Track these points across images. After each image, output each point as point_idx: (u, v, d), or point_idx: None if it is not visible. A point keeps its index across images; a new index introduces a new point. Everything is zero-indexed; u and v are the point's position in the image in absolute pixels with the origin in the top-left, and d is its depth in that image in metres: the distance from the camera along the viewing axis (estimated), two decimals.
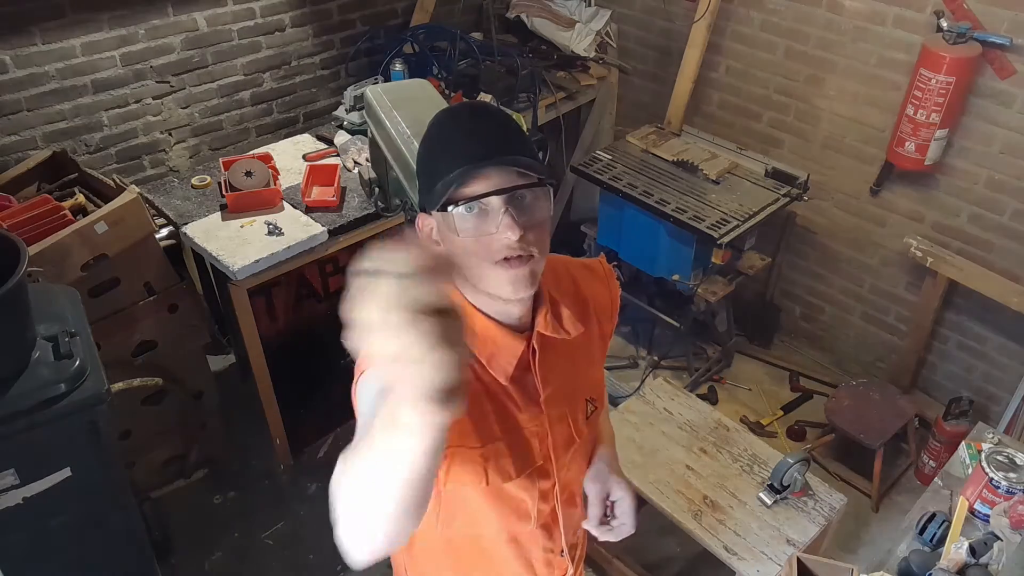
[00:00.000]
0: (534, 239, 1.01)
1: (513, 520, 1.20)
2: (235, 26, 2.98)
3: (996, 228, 2.81)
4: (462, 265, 1.04)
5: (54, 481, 1.72)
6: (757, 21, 3.15)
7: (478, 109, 1.10)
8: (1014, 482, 1.78)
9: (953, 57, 2.52)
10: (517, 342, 1.10)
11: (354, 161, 2.80)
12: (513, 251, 0.99)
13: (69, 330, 1.73)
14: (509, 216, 0.97)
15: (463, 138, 1.01)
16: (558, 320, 1.15)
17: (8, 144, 2.64)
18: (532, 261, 1.01)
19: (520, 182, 0.99)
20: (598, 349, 1.28)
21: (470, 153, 0.98)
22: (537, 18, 3.52)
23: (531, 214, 1.00)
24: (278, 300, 2.58)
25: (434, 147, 1.05)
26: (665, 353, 3.45)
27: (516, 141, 1.02)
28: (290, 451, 2.88)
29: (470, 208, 0.98)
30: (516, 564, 1.26)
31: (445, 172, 0.98)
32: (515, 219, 0.97)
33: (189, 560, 2.62)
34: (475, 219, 0.98)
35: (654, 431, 2.47)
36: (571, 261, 1.29)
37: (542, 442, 1.16)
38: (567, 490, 1.25)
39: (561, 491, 1.23)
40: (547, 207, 1.02)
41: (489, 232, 0.98)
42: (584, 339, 1.22)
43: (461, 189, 0.98)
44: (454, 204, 0.98)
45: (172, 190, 2.69)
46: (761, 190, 3.07)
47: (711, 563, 2.23)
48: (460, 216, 0.98)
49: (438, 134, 1.05)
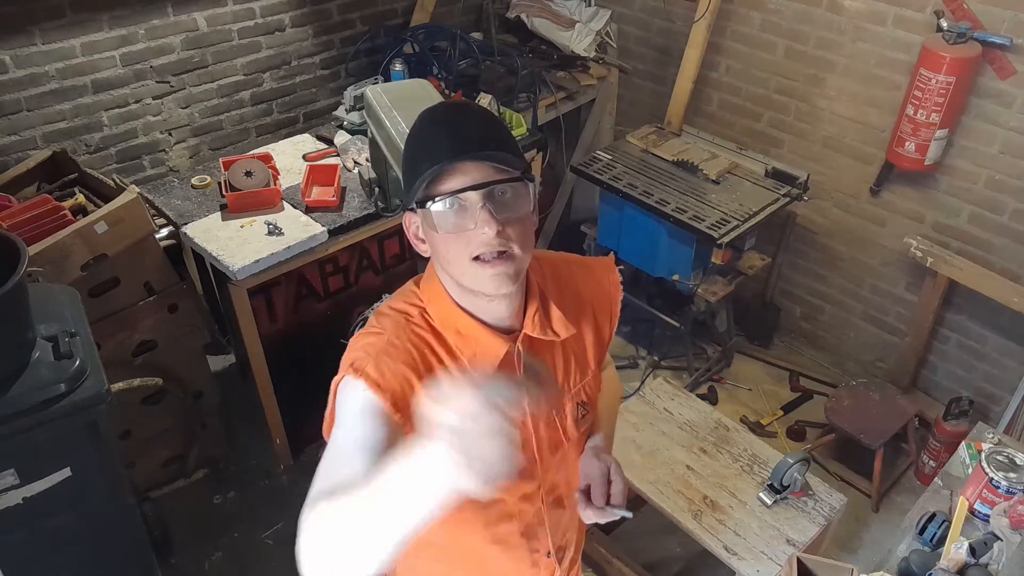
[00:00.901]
0: (514, 235, 1.01)
1: (496, 521, 1.19)
2: (235, 26, 2.98)
3: (996, 228, 2.81)
4: (445, 262, 1.04)
5: (54, 481, 1.72)
6: (757, 21, 3.15)
7: (458, 107, 1.10)
8: (1014, 482, 1.78)
9: (953, 57, 2.52)
10: (501, 343, 1.10)
11: (354, 161, 2.80)
12: (492, 247, 0.99)
13: (69, 330, 1.73)
14: (487, 211, 0.98)
15: (442, 135, 1.01)
16: (547, 321, 1.14)
17: (8, 144, 2.64)
18: (513, 258, 1.01)
19: (497, 177, 0.99)
20: (595, 351, 1.26)
21: (448, 149, 0.99)
22: (537, 18, 3.52)
23: (510, 209, 1.00)
24: (278, 300, 2.58)
25: (415, 145, 1.05)
26: (665, 353, 3.45)
27: (496, 138, 1.03)
28: (290, 451, 2.88)
29: (448, 204, 0.98)
30: (500, 564, 1.26)
31: (424, 169, 0.99)
32: (492, 214, 0.98)
33: (189, 560, 2.62)
34: (454, 215, 0.99)
35: (654, 431, 2.47)
36: (573, 260, 1.28)
37: (527, 444, 1.16)
38: (554, 492, 1.24)
39: (547, 493, 1.22)
40: (527, 202, 1.02)
41: (467, 228, 0.99)
42: (578, 341, 1.21)
43: (438, 185, 0.99)
44: (432, 200, 0.98)
45: (172, 190, 2.69)
46: (761, 190, 3.07)
47: (711, 563, 2.23)
48: (438, 212, 0.99)
49: (419, 133, 1.06)
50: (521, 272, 1.04)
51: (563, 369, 1.20)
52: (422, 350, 1.09)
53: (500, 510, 1.18)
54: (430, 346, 1.10)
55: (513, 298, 1.09)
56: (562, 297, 1.18)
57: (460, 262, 1.01)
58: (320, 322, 2.71)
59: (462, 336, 1.10)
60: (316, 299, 2.69)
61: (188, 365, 2.64)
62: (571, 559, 1.39)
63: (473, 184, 0.98)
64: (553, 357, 1.18)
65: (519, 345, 1.12)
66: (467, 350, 1.09)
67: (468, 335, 1.10)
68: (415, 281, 1.17)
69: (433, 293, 1.12)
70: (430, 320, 1.11)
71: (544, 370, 0.81)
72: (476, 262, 1.00)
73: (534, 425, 1.16)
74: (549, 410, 1.18)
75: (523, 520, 1.21)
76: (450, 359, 1.10)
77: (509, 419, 0.71)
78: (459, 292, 1.08)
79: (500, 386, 0.73)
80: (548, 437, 1.19)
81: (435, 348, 1.10)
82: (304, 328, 2.68)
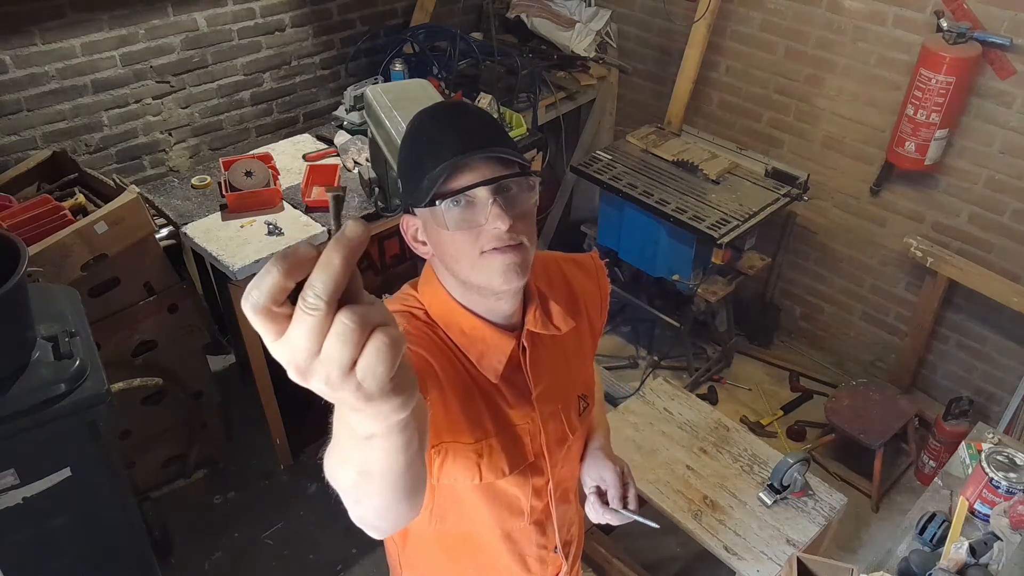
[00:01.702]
0: (522, 228, 1.02)
1: (506, 516, 1.20)
2: (235, 26, 2.98)
3: (996, 228, 2.81)
4: (451, 261, 1.04)
5: (54, 481, 1.72)
6: (757, 21, 3.15)
7: (456, 106, 1.11)
8: (1014, 482, 1.78)
9: (953, 57, 2.52)
10: (507, 340, 1.11)
11: (354, 161, 2.80)
12: (503, 241, 1.00)
13: (69, 330, 1.73)
14: (497, 206, 0.98)
15: (446, 134, 1.02)
16: (548, 316, 1.15)
17: (8, 144, 2.64)
18: (522, 249, 1.02)
19: (506, 172, 1.00)
20: (589, 344, 1.28)
21: (454, 148, 0.99)
22: (537, 18, 3.52)
23: (518, 204, 1.01)
24: None
25: (417, 146, 1.05)
26: (665, 353, 3.45)
27: (497, 135, 1.04)
28: (290, 451, 2.88)
29: (457, 201, 0.98)
30: (509, 560, 1.27)
31: (431, 168, 0.99)
32: (503, 209, 0.98)
33: (189, 560, 2.62)
34: (463, 212, 0.99)
35: (654, 431, 2.47)
36: (561, 256, 1.30)
37: (534, 439, 1.17)
38: (561, 487, 1.25)
39: (555, 488, 1.23)
40: (532, 197, 1.03)
41: (479, 223, 0.99)
42: (575, 335, 1.22)
43: (448, 183, 0.99)
44: (441, 198, 0.98)
45: (172, 190, 2.69)
46: (761, 190, 3.07)
47: (711, 563, 2.23)
48: (448, 210, 0.99)
49: (419, 133, 1.06)
50: (528, 266, 1.04)
51: (565, 363, 1.22)
52: (435, 341, 1.10)
53: (511, 504, 1.19)
54: (442, 340, 1.11)
55: (516, 295, 1.10)
56: (556, 292, 1.19)
57: (470, 257, 1.01)
58: None
59: (467, 336, 1.10)
60: None
61: (188, 365, 2.64)
62: (574, 555, 1.40)
63: (483, 180, 0.98)
64: (554, 351, 1.19)
65: (524, 341, 1.13)
66: (474, 349, 1.10)
67: (473, 334, 1.10)
68: (411, 285, 1.18)
69: (433, 295, 1.12)
70: (433, 321, 1.12)
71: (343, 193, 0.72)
72: (487, 255, 1.01)
73: (542, 420, 1.17)
74: (555, 405, 1.19)
75: (533, 515, 1.22)
76: (461, 355, 1.11)
77: (256, 296, 0.51)
78: (463, 292, 1.09)
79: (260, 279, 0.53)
80: (555, 431, 1.20)
81: (448, 343, 1.11)
82: None
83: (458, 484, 1.11)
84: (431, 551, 1.27)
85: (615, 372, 3.38)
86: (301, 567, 2.62)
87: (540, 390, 1.16)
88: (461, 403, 1.08)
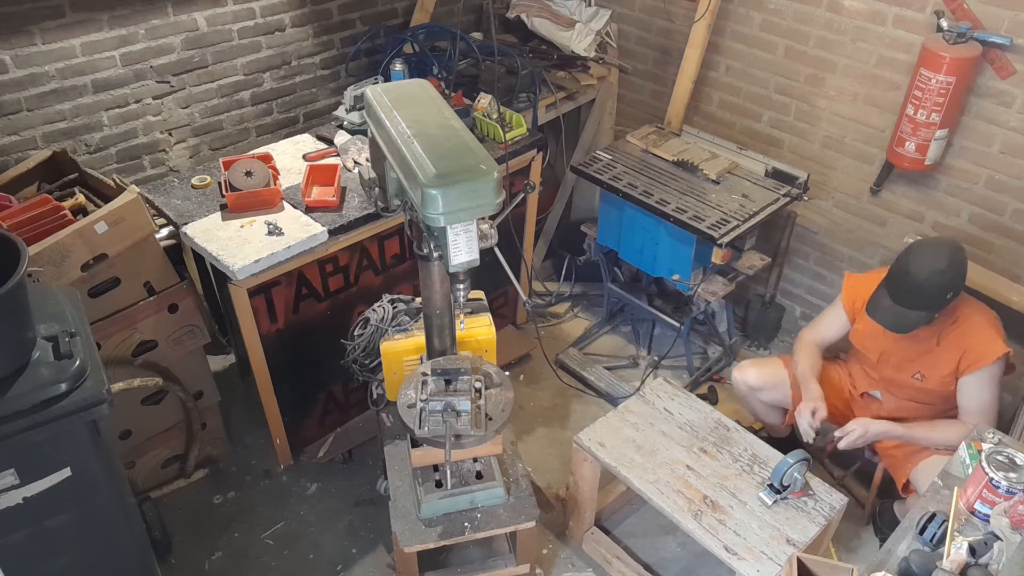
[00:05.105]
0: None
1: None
2: (235, 26, 2.99)
3: (996, 228, 2.81)
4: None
5: (54, 481, 1.72)
6: (757, 21, 3.15)
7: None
8: (1014, 482, 1.78)
9: (953, 57, 2.52)
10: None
11: (354, 161, 2.80)
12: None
13: (69, 330, 1.73)
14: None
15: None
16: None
17: (8, 144, 2.64)
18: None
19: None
20: (947, 370, 2.39)
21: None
22: (537, 18, 3.52)
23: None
24: (278, 300, 2.58)
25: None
26: (665, 353, 3.45)
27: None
28: (290, 451, 2.88)
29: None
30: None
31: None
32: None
33: (189, 560, 2.62)
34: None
35: (654, 431, 2.47)
36: (981, 320, 2.39)
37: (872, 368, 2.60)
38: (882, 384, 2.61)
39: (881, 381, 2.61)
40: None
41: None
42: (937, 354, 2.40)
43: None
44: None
45: (172, 190, 2.69)
46: (761, 190, 3.07)
47: (711, 563, 2.23)
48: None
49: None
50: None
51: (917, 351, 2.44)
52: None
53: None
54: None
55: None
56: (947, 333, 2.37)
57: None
58: (320, 322, 2.71)
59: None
60: (316, 299, 2.69)
61: (188, 365, 2.64)
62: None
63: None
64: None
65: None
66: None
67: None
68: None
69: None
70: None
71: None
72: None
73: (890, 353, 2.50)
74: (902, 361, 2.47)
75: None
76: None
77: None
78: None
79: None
80: (895, 363, 2.50)
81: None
82: (304, 328, 2.68)
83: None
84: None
85: (615, 372, 3.38)
86: (301, 567, 2.62)
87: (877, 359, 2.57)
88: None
